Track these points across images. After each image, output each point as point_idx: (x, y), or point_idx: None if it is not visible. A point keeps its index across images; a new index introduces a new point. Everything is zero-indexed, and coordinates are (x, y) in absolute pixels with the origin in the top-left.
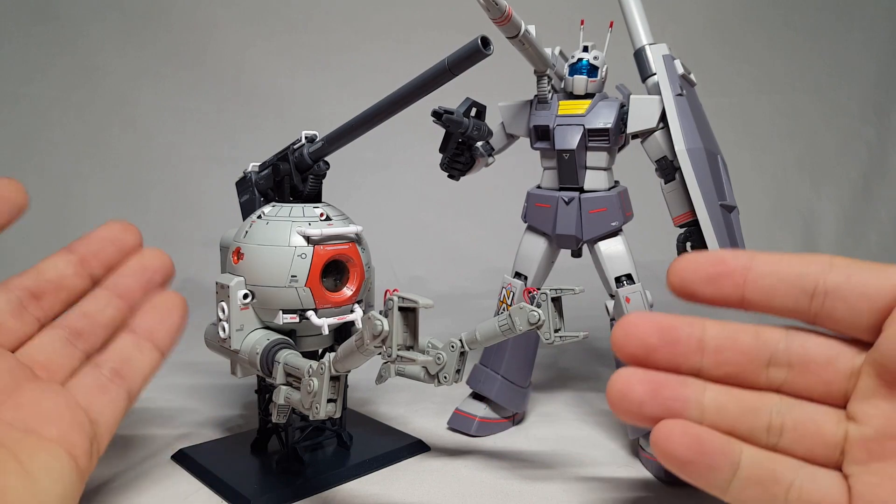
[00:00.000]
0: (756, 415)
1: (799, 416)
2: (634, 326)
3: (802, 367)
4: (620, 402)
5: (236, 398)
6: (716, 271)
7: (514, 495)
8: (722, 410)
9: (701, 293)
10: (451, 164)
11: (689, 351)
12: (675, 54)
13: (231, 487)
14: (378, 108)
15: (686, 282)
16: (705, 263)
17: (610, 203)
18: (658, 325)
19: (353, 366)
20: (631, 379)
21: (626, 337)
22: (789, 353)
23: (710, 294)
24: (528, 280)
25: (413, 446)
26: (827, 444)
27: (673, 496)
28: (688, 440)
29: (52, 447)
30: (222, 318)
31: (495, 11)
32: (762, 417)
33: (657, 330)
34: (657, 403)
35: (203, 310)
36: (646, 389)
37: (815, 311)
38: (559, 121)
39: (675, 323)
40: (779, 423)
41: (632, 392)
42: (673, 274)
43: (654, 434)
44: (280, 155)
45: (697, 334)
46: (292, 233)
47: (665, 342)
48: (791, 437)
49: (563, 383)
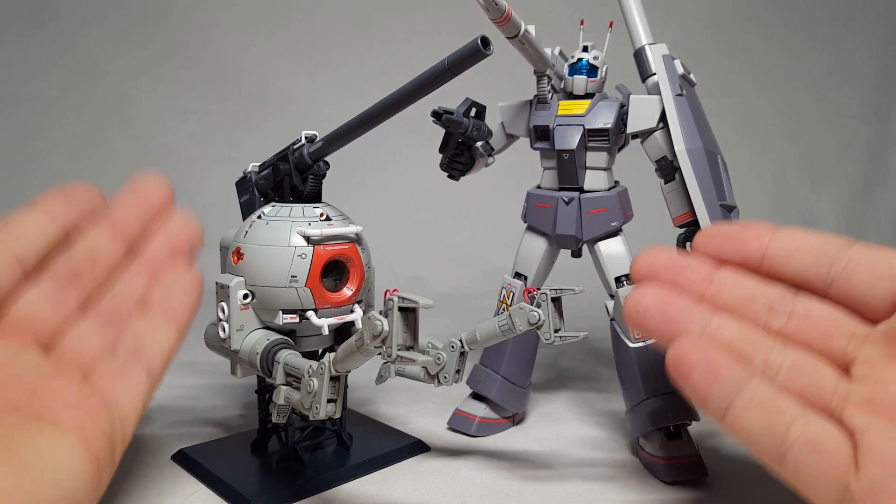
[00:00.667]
0: (755, 348)
1: (797, 361)
2: (651, 250)
3: (803, 318)
4: (632, 309)
5: (236, 398)
6: (742, 233)
7: (514, 495)
8: (724, 336)
9: (725, 250)
10: (451, 164)
11: (696, 279)
12: (675, 54)
13: (231, 487)
14: (378, 108)
15: (714, 241)
16: (732, 227)
17: (610, 203)
18: (670, 252)
19: (353, 366)
20: (645, 290)
21: (641, 256)
22: (793, 305)
23: (733, 252)
24: (528, 280)
25: (413, 446)
26: (824, 392)
27: (673, 496)
28: (698, 349)
29: (54, 432)
30: (222, 319)
31: (495, 11)
32: (761, 352)
33: (668, 255)
34: (664, 315)
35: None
36: (656, 299)
37: (833, 275)
38: (559, 121)
39: (686, 257)
40: (777, 362)
41: (642, 303)
42: (702, 236)
43: (671, 348)
44: (280, 155)
45: (706, 268)
46: (292, 233)
47: (672, 264)
48: (787, 377)
49: (563, 383)
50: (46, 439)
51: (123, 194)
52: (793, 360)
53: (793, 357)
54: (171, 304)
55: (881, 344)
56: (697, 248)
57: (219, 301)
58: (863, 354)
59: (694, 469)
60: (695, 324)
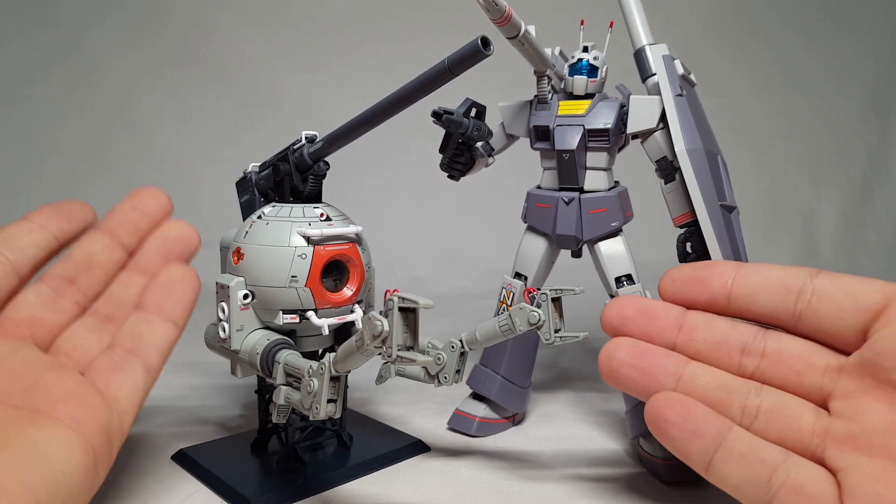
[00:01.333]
0: (731, 392)
1: (775, 403)
2: (618, 301)
3: (776, 356)
4: (606, 363)
5: (236, 398)
6: (706, 273)
7: (514, 495)
8: (697, 383)
9: (690, 293)
10: (451, 164)
11: (667, 326)
12: (675, 54)
13: (231, 487)
14: (378, 108)
15: (677, 283)
16: (695, 268)
17: (610, 203)
18: (638, 302)
19: (353, 366)
20: (616, 348)
21: (609, 308)
22: (764, 344)
23: (697, 294)
24: (529, 280)
25: (413, 446)
26: (804, 433)
27: (673, 496)
28: (677, 407)
29: (49, 423)
30: (222, 319)
31: (495, 12)
32: (737, 397)
33: (636, 305)
34: (638, 369)
35: (203, 310)
36: (629, 354)
37: (799, 310)
38: (559, 121)
39: (654, 303)
40: (755, 406)
41: (616, 355)
42: (667, 279)
43: (648, 404)
44: (280, 155)
45: (676, 314)
46: (292, 233)
47: (641, 314)
48: (766, 421)
49: (563, 383)
50: (41, 431)
51: (121, 205)
52: (770, 403)
53: (770, 399)
54: (167, 301)
55: (854, 376)
56: (663, 293)
57: (219, 301)
58: (839, 388)
59: (693, 469)
60: (668, 376)
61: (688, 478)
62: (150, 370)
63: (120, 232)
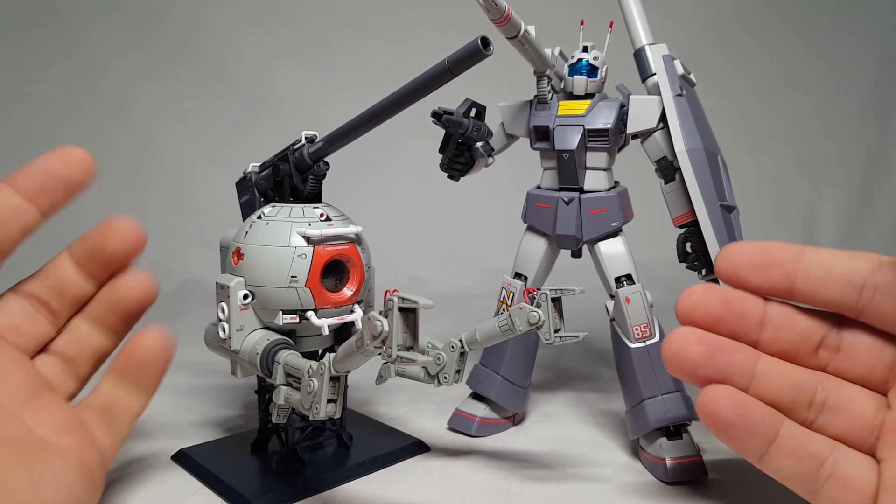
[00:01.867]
0: (801, 389)
1: (842, 397)
2: (702, 297)
3: (849, 351)
4: (675, 358)
5: (236, 398)
6: (766, 260)
7: (514, 495)
8: (770, 381)
9: (751, 281)
10: (451, 164)
11: (753, 325)
12: (675, 54)
13: (231, 487)
14: (378, 108)
15: (737, 268)
16: (754, 252)
17: (610, 203)
18: (724, 298)
19: (353, 366)
20: (689, 338)
21: (695, 307)
22: (840, 338)
23: (759, 282)
24: (528, 280)
25: (413, 446)
26: (865, 426)
27: (673, 496)
28: (733, 404)
29: (65, 456)
30: (222, 319)
31: (495, 12)
32: (807, 393)
33: (723, 302)
34: (711, 365)
35: (203, 310)
36: (702, 350)
37: (862, 305)
38: (559, 121)
39: (739, 296)
40: (822, 400)
41: (688, 351)
42: (723, 260)
43: (701, 397)
44: (280, 155)
45: (761, 310)
46: (292, 233)
47: (731, 314)
48: (831, 415)
49: (563, 383)
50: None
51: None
52: (837, 397)
53: (839, 393)
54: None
55: None
56: (721, 275)
57: (219, 301)
58: None
59: (694, 469)
60: (744, 375)
61: (688, 478)
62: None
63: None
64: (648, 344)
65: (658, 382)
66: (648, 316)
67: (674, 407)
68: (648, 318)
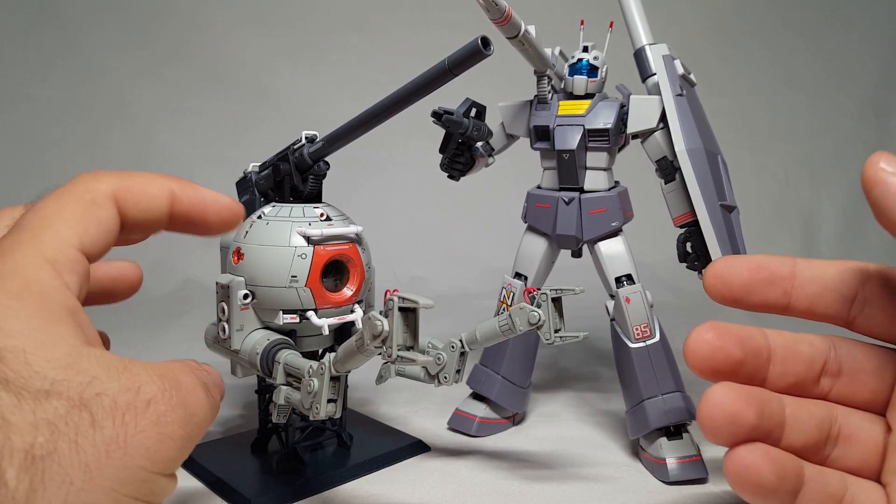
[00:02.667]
0: (822, 427)
1: (853, 426)
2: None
3: (852, 375)
4: (728, 426)
5: (236, 398)
6: (762, 277)
7: (514, 495)
8: (801, 427)
9: (748, 300)
10: (451, 164)
11: (764, 362)
12: (675, 54)
13: (231, 487)
14: (378, 108)
15: (732, 287)
16: (750, 269)
17: (610, 203)
18: (740, 337)
19: (353, 366)
20: (735, 397)
21: (714, 351)
22: (840, 362)
23: (757, 301)
24: (529, 280)
25: (413, 446)
26: (877, 453)
27: (673, 496)
28: (773, 467)
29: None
30: (222, 318)
31: (495, 12)
32: (826, 429)
33: (739, 342)
34: (763, 427)
35: (203, 310)
36: (752, 409)
37: (853, 315)
38: (559, 121)
39: (751, 333)
40: (836, 433)
41: (739, 412)
42: (714, 278)
43: (733, 461)
44: (280, 155)
45: (767, 344)
46: (292, 233)
47: (749, 354)
48: (845, 447)
49: (563, 383)
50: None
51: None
52: (849, 427)
53: (848, 421)
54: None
55: None
56: (712, 292)
57: (219, 301)
58: None
59: (694, 469)
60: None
61: (688, 478)
62: None
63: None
64: (648, 344)
65: (658, 382)
66: (648, 316)
67: (674, 407)
68: (648, 317)
